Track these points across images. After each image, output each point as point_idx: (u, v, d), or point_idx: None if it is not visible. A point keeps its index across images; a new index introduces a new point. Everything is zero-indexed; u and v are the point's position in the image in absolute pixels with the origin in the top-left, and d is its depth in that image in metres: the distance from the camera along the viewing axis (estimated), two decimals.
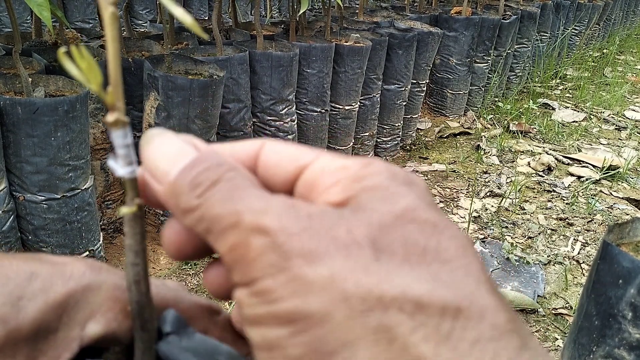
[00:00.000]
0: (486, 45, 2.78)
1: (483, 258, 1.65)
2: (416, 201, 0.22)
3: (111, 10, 0.22)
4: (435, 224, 0.22)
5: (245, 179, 0.24)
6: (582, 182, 2.23)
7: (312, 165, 0.25)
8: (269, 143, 0.27)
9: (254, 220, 0.21)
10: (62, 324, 0.24)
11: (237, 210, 0.22)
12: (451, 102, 2.82)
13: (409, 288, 0.19)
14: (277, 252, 0.21)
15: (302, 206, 0.22)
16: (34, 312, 0.23)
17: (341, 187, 0.24)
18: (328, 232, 0.21)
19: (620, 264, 0.85)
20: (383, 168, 0.24)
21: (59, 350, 0.24)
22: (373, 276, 0.20)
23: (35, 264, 0.25)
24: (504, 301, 0.21)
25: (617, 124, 2.96)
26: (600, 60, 4.26)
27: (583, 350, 0.92)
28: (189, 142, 0.26)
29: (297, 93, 1.88)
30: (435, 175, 2.24)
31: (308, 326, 0.19)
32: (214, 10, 1.65)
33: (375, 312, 0.19)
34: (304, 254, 0.20)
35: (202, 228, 0.23)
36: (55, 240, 1.32)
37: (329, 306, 0.19)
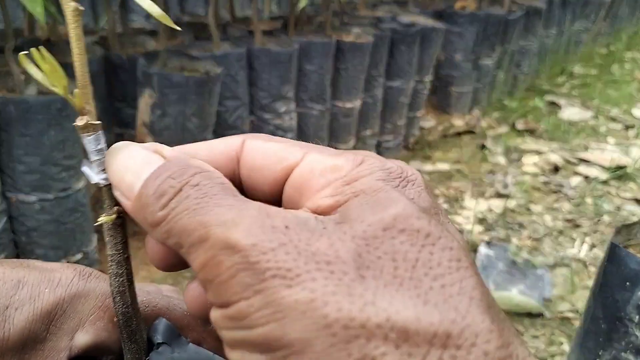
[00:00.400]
0: (491, 41, 2.74)
1: (488, 261, 1.62)
2: (408, 208, 0.20)
3: (73, 6, 0.20)
4: (428, 233, 0.20)
5: (215, 184, 0.21)
6: (590, 182, 2.20)
7: (301, 166, 0.23)
8: (250, 140, 0.25)
9: (224, 235, 0.19)
10: (51, 333, 0.24)
11: (204, 223, 0.19)
12: (456, 100, 2.79)
13: (396, 313, 0.18)
14: (251, 272, 0.18)
15: (280, 216, 0.20)
16: (22, 322, 0.23)
17: (331, 191, 0.22)
18: (308, 247, 0.19)
19: (627, 266, 0.84)
20: (377, 166, 0.22)
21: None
22: (357, 300, 0.18)
23: (23, 270, 0.25)
24: (498, 321, 0.19)
25: (625, 123, 2.93)
26: (607, 58, 4.23)
27: (589, 355, 0.91)
28: (155, 150, 0.24)
29: (296, 90, 1.85)
30: (439, 175, 2.22)
31: (287, 355, 0.17)
32: (211, 4, 1.62)
33: (358, 341, 0.17)
34: (281, 274, 0.18)
35: (172, 242, 0.21)
36: (49, 242, 1.31)
37: (309, 334, 0.17)
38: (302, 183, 0.23)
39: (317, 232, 0.19)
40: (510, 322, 0.20)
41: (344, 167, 0.22)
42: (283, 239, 0.19)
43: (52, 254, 1.30)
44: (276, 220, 0.19)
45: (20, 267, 0.25)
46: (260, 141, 0.25)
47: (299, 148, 0.24)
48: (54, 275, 0.25)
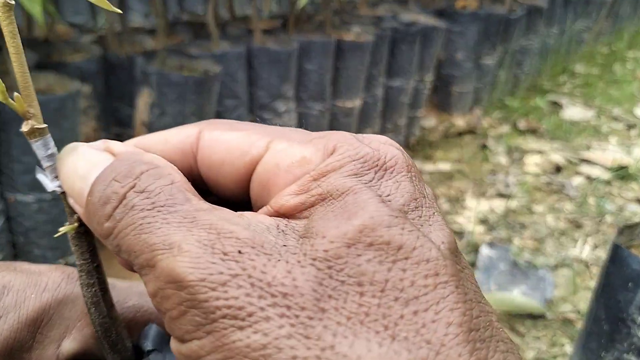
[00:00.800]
0: (493, 40, 2.74)
1: (490, 262, 1.62)
2: (377, 214, 0.18)
3: (2, 1, 0.18)
4: (400, 245, 0.17)
5: (165, 186, 0.19)
6: (592, 182, 2.19)
7: (265, 159, 0.21)
8: (207, 131, 0.22)
9: (170, 267, 0.17)
10: (37, 342, 0.23)
11: (150, 246, 0.18)
12: (457, 100, 2.78)
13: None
14: (200, 311, 0.16)
15: (233, 237, 0.18)
16: (6, 331, 0.22)
17: (297, 188, 0.20)
18: (263, 277, 0.17)
19: (630, 267, 0.84)
20: (349, 155, 0.20)
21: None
22: (313, 344, 0.16)
23: (9, 275, 0.24)
24: (480, 350, 0.17)
25: (627, 122, 2.92)
26: (609, 57, 4.22)
27: (592, 356, 0.91)
28: (105, 148, 0.22)
29: (296, 89, 1.85)
30: (440, 175, 2.21)
31: None
32: (210, 3, 1.61)
33: None
34: (232, 314, 0.16)
35: (124, 257, 0.19)
36: (47, 242, 1.31)
37: None
38: (267, 179, 0.21)
39: (275, 254, 0.17)
40: (501, 340, 0.18)
41: (312, 159, 0.20)
42: (235, 269, 0.17)
43: (50, 254, 1.30)
44: (228, 244, 0.17)
45: (6, 271, 0.24)
46: (218, 131, 0.22)
47: (262, 136, 0.21)
48: (40, 279, 0.24)
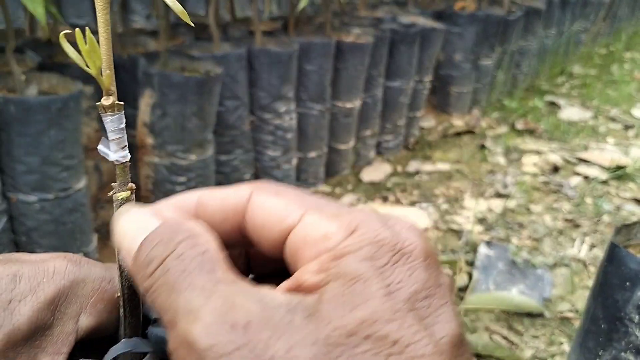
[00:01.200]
0: (491, 41, 2.75)
1: (488, 261, 1.62)
2: (380, 308, 0.19)
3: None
4: (396, 340, 0.18)
5: (197, 255, 0.21)
6: (589, 182, 2.20)
7: (296, 230, 0.23)
8: (256, 195, 0.24)
9: (185, 330, 0.19)
10: (56, 319, 0.25)
11: (174, 308, 0.20)
12: (455, 100, 2.79)
13: None
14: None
15: (244, 308, 0.19)
16: (28, 312, 0.24)
17: (317, 266, 0.21)
18: (265, 351, 0.18)
19: (627, 266, 0.84)
20: (368, 237, 0.21)
21: (57, 345, 0.25)
22: None
23: (15, 265, 0.25)
24: None
25: (625, 123, 2.93)
26: (606, 58, 4.23)
27: (589, 355, 0.91)
28: (156, 213, 0.24)
29: (297, 90, 1.85)
30: (439, 175, 2.22)
31: None
32: (211, 5, 1.62)
33: None
34: None
35: (157, 310, 0.22)
36: (49, 242, 1.31)
37: None
38: (297, 249, 0.23)
39: (280, 329, 0.18)
40: None
41: (334, 236, 0.21)
42: (240, 340, 0.18)
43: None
44: (238, 315, 0.19)
45: (10, 263, 0.26)
46: (265, 196, 0.24)
47: (299, 207, 0.23)
48: (47, 265, 0.26)
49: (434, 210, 1.93)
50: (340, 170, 2.17)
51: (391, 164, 2.31)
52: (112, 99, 0.23)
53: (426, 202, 1.98)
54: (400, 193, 2.04)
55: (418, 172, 2.23)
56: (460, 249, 1.70)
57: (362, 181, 2.14)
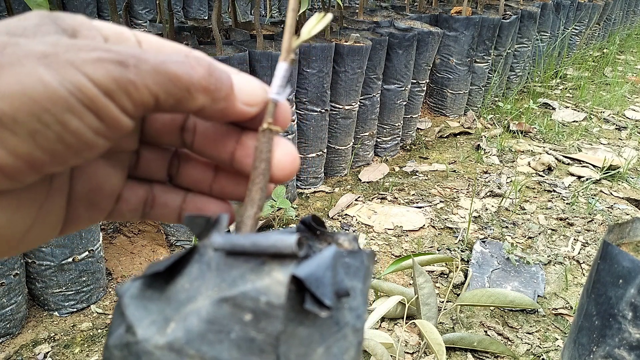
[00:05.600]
0: (486, 44, 2.78)
1: (483, 258, 1.65)
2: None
3: None
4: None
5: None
6: (583, 182, 2.23)
7: None
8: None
9: None
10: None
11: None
12: (451, 102, 2.83)
13: None
14: None
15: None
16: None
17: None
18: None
19: (620, 264, 0.85)
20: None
21: None
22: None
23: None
24: None
25: (618, 124, 2.96)
26: (600, 60, 4.26)
27: (583, 350, 0.93)
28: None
29: (296, 93, 1.88)
30: (435, 175, 2.24)
31: None
32: (214, 9, 1.65)
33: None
34: None
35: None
36: (55, 241, 1.32)
37: None
38: None
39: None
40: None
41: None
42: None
43: (59, 252, 1.31)
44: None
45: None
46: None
47: None
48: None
49: (431, 209, 1.96)
50: (339, 171, 2.20)
51: (389, 164, 2.34)
52: (292, 56, 0.29)
53: (423, 201, 2.01)
54: (398, 193, 2.07)
55: (415, 172, 2.26)
56: (456, 247, 1.73)
57: (361, 181, 2.17)
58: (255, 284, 0.21)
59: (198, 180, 0.31)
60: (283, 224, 1.79)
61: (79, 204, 0.29)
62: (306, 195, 2.03)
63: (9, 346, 1.26)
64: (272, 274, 0.22)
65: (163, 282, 0.23)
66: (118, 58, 0.22)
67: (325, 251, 0.23)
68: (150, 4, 3.18)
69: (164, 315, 0.22)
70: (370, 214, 1.90)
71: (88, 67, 0.21)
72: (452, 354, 1.31)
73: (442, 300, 1.47)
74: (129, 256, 1.58)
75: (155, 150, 0.31)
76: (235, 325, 0.21)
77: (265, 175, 0.27)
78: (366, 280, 0.25)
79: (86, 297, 1.39)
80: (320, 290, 0.21)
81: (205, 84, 0.24)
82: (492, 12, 2.86)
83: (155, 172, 0.31)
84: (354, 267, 0.24)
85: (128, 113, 0.23)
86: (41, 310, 1.37)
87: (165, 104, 0.23)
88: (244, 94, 0.26)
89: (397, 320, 1.40)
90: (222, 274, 0.22)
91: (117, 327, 0.22)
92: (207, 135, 0.29)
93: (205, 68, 0.24)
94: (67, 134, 0.21)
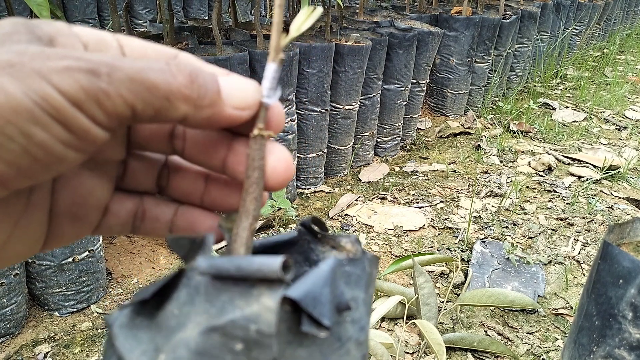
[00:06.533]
0: (486, 45, 2.78)
1: (483, 258, 1.65)
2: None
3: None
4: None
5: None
6: (583, 182, 2.23)
7: None
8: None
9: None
10: None
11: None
12: (451, 102, 2.83)
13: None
14: None
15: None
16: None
17: None
18: None
19: (620, 264, 0.85)
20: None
21: None
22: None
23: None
24: None
25: (618, 124, 2.96)
26: (600, 60, 4.26)
27: (583, 351, 0.92)
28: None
29: (297, 93, 1.88)
30: (435, 175, 2.24)
31: None
32: (214, 9, 1.65)
33: None
34: None
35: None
36: None
37: None
38: None
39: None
40: None
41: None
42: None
43: (59, 252, 1.32)
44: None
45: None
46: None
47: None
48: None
49: (431, 209, 1.96)
50: (339, 171, 2.20)
51: (389, 164, 2.34)
52: (281, 55, 0.27)
53: (423, 201, 2.01)
54: (398, 193, 2.07)
55: (415, 172, 2.26)
56: (456, 247, 1.73)
57: (361, 181, 2.17)
58: (244, 311, 0.20)
59: (188, 191, 0.30)
60: (283, 224, 1.79)
61: (62, 218, 0.28)
62: (306, 195, 2.03)
63: (9, 346, 1.26)
64: (261, 300, 0.21)
65: (153, 307, 0.22)
66: (89, 66, 0.21)
67: (322, 264, 0.22)
68: (151, 4, 3.19)
69: (154, 344, 0.21)
70: (370, 214, 1.90)
71: (55, 76, 0.20)
72: (452, 354, 1.31)
73: (442, 300, 1.47)
74: (129, 256, 1.58)
75: (143, 160, 0.30)
76: (227, 355, 0.20)
77: (259, 184, 0.26)
78: (369, 288, 0.24)
79: (86, 297, 1.39)
80: (318, 309, 0.20)
81: (186, 91, 0.23)
82: (492, 12, 2.86)
83: (144, 183, 0.30)
84: (355, 275, 0.23)
85: (101, 124, 0.22)
86: (41, 310, 1.37)
87: (143, 114, 0.22)
88: (234, 98, 0.25)
89: (397, 320, 1.40)
90: (210, 299, 0.21)
91: (109, 359, 0.22)
92: (197, 141, 0.28)
93: (186, 75, 0.23)
94: (33, 146, 0.20)
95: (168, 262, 1.57)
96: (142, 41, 0.26)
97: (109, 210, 0.29)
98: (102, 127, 0.22)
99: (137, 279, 1.50)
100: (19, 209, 0.25)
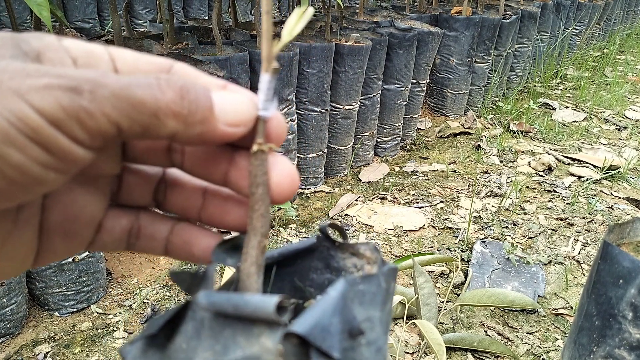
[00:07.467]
0: (486, 45, 2.78)
1: (483, 258, 1.65)
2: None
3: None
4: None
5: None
6: (583, 182, 2.23)
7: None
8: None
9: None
10: None
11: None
12: (451, 102, 2.83)
13: None
14: None
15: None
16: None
17: None
18: None
19: (620, 264, 0.84)
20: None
21: None
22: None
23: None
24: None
25: (618, 124, 2.97)
26: (600, 60, 4.26)
27: (583, 351, 0.92)
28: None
29: (297, 93, 1.88)
30: (435, 175, 2.24)
31: None
32: (214, 9, 1.65)
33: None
34: None
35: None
36: None
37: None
38: None
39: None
40: None
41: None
42: None
43: None
44: None
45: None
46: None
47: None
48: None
49: (431, 209, 1.96)
50: (339, 171, 2.20)
51: (389, 164, 2.34)
52: (275, 64, 0.25)
53: (423, 201, 2.01)
54: (398, 193, 2.07)
55: (415, 172, 2.26)
56: (456, 247, 1.73)
57: (361, 181, 2.17)
58: (245, 351, 0.20)
59: (186, 206, 0.29)
60: (283, 224, 1.79)
61: (53, 234, 0.27)
62: (306, 195, 2.04)
63: (9, 346, 1.26)
64: (261, 340, 0.20)
65: (163, 338, 0.22)
66: (70, 84, 0.20)
67: (331, 290, 0.21)
68: (151, 4, 3.19)
69: None
70: (370, 214, 1.90)
71: (34, 95, 0.19)
72: (452, 354, 1.31)
73: (442, 300, 1.47)
74: (129, 256, 1.59)
75: (139, 174, 0.29)
76: None
77: (264, 201, 0.25)
78: (385, 304, 0.23)
79: (86, 297, 1.39)
80: (327, 342, 0.20)
81: (175, 108, 0.22)
82: (492, 12, 2.86)
83: (140, 197, 0.29)
84: (369, 294, 0.22)
85: (82, 144, 0.21)
86: (41, 310, 1.37)
87: (130, 131, 0.21)
88: (227, 114, 0.24)
89: (397, 320, 1.40)
90: (214, 334, 0.21)
91: None
92: (196, 155, 0.27)
93: (176, 90, 0.22)
94: (9, 168, 0.20)
95: (168, 262, 1.57)
96: (135, 53, 0.26)
97: (102, 226, 0.28)
98: (84, 147, 0.21)
99: (137, 279, 1.50)
100: (7, 226, 0.24)
